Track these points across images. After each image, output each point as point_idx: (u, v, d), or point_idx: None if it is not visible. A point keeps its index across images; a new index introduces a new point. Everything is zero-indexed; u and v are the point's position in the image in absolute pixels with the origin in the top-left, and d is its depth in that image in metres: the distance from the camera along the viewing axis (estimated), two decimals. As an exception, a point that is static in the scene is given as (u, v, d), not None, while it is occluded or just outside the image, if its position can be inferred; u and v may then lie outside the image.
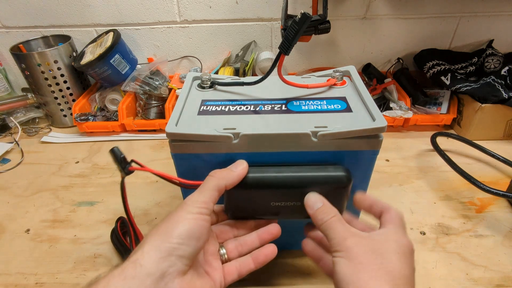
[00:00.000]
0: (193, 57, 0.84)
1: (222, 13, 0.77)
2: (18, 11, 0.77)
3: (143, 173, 0.62)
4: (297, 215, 0.34)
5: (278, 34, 0.80)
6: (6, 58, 0.83)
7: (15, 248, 0.48)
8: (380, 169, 0.61)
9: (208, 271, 0.31)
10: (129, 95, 0.76)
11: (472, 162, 0.63)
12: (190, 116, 0.36)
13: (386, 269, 0.25)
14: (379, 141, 0.33)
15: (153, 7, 0.77)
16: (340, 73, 0.41)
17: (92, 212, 0.54)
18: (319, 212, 0.30)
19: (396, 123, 0.71)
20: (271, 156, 0.34)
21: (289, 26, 0.33)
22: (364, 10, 0.76)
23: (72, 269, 0.45)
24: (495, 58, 0.71)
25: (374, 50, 0.83)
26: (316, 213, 0.30)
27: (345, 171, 0.32)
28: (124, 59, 0.74)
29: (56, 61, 0.71)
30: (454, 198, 0.55)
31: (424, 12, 0.76)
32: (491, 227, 0.49)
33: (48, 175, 0.63)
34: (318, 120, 0.34)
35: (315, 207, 0.31)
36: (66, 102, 0.76)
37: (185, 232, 0.27)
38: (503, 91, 0.64)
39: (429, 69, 0.73)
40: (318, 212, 0.30)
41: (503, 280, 0.42)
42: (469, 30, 0.78)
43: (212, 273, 0.31)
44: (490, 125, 0.67)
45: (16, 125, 0.76)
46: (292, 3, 0.74)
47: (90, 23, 0.79)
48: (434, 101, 0.74)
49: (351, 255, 0.26)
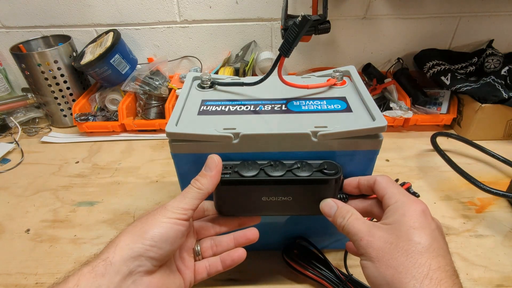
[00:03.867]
0: (193, 57, 0.84)
1: (222, 13, 0.77)
2: (18, 11, 0.77)
3: (143, 173, 0.62)
4: (288, 211, 0.34)
5: (278, 34, 0.80)
6: (6, 58, 0.83)
7: (15, 248, 0.48)
8: (380, 169, 0.61)
9: (180, 268, 0.32)
10: (129, 95, 0.76)
11: (472, 162, 0.63)
12: (190, 116, 0.36)
13: (412, 253, 0.24)
14: (379, 141, 0.33)
15: (153, 7, 0.77)
16: (340, 73, 0.41)
17: (92, 212, 0.54)
18: (337, 216, 0.30)
19: (396, 123, 0.71)
20: (271, 156, 0.34)
21: (289, 28, 0.33)
22: (364, 10, 0.76)
23: (72, 269, 0.44)
24: (495, 58, 0.71)
25: (374, 50, 0.83)
26: (334, 218, 0.30)
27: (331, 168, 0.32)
28: (124, 59, 0.74)
29: (56, 61, 0.71)
30: (454, 198, 0.55)
31: (424, 12, 0.76)
32: (491, 227, 0.49)
33: (48, 175, 0.63)
34: (318, 120, 0.34)
35: (332, 212, 0.31)
36: (66, 102, 0.76)
37: (159, 235, 0.27)
38: (503, 91, 0.64)
39: (429, 69, 0.73)
40: (336, 216, 0.30)
41: (503, 280, 0.42)
42: (469, 30, 0.78)
43: (184, 271, 0.32)
44: (490, 125, 0.67)
45: (16, 125, 0.76)
46: (292, 3, 0.74)
47: (90, 23, 0.79)
48: (434, 101, 0.74)
49: (372, 255, 0.26)
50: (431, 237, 0.25)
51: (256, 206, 0.34)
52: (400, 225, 0.26)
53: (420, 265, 0.23)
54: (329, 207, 0.31)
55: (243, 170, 0.32)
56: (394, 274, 0.24)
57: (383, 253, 0.25)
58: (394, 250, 0.25)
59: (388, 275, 0.24)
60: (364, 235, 0.27)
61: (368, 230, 0.27)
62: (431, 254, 0.24)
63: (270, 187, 0.32)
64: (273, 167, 0.32)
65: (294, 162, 0.33)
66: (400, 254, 0.24)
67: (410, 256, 0.24)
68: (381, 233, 0.26)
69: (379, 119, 0.32)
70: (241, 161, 0.33)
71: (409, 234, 0.25)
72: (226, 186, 0.32)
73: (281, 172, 0.32)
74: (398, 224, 0.26)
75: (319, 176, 0.31)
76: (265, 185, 0.32)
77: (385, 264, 0.25)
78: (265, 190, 0.33)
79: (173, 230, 0.28)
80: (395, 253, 0.25)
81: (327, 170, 0.32)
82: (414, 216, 0.26)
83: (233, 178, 0.32)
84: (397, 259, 0.24)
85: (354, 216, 0.29)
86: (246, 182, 0.32)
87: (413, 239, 0.25)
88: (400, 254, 0.24)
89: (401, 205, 0.27)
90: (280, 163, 0.33)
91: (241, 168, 0.32)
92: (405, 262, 0.24)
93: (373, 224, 0.28)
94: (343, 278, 0.39)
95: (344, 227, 0.29)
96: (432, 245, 0.24)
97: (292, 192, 0.33)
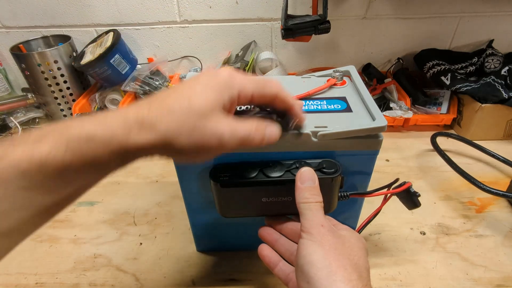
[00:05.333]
0: (193, 57, 0.84)
1: (222, 13, 0.77)
2: (18, 11, 0.77)
3: (143, 173, 0.62)
4: (289, 211, 0.34)
5: (278, 34, 0.80)
6: (6, 58, 0.83)
7: (15, 248, 0.48)
8: (380, 169, 0.61)
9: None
10: (129, 95, 0.76)
11: (472, 162, 0.63)
12: None
13: (353, 260, 0.26)
14: (379, 141, 0.33)
15: (153, 7, 0.76)
16: (340, 73, 0.41)
17: (92, 212, 0.54)
18: (307, 190, 0.29)
19: (396, 123, 0.71)
20: (272, 156, 0.34)
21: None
22: (364, 10, 0.76)
23: (72, 269, 0.45)
24: (495, 58, 0.71)
25: (374, 50, 0.83)
26: (303, 190, 0.29)
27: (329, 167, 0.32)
28: (124, 59, 0.74)
29: (56, 61, 0.71)
30: (454, 198, 0.55)
31: (424, 12, 0.76)
32: (491, 227, 0.49)
33: (48, 175, 0.63)
34: (318, 120, 0.34)
35: (305, 184, 0.30)
36: (66, 102, 0.76)
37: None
38: (503, 91, 0.64)
39: (429, 69, 0.73)
40: (306, 189, 0.29)
41: (503, 280, 0.42)
42: (469, 30, 0.78)
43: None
44: (490, 125, 0.67)
45: (16, 125, 0.76)
46: (292, 3, 0.74)
47: (90, 23, 0.79)
48: (434, 101, 0.74)
49: (324, 242, 0.27)
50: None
51: (256, 207, 0.34)
52: (351, 238, 0.29)
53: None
54: (306, 178, 0.30)
55: (242, 172, 0.32)
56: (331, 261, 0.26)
57: (336, 245, 0.27)
58: (342, 248, 0.27)
59: (332, 262, 0.25)
60: (325, 224, 0.28)
61: (327, 222, 0.28)
62: (365, 274, 0.27)
63: (270, 187, 0.32)
64: (272, 168, 0.32)
65: (293, 162, 0.33)
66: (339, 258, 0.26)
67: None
68: (335, 232, 0.28)
69: (379, 119, 0.32)
70: (240, 162, 0.33)
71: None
72: (226, 188, 0.32)
73: (280, 172, 0.32)
74: (349, 236, 0.29)
75: (318, 175, 0.32)
76: (264, 186, 0.32)
77: (333, 253, 0.26)
78: (264, 191, 0.33)
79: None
80: (342, 250, 0.27)
81: (326, 169, 0.32)
82: (361, 242, 0.29)
83: (233, 180, 0.32)
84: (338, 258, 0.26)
85: (321, 205, 0.29)
86: (245, 184, 0.32)
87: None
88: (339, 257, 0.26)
89: (353, 232, 0.30)
90: (279, 164, 0.33)
91: (240, 170, 0.32)
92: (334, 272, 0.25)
93: (330, 226, 0.28)
94: None
95: (306, 204, 0.29)
96: (367, 268, 0.28)
97: (292, 192, 0.33)
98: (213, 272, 0.44)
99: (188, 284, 0.42)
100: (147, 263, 0.45)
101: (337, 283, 0.24)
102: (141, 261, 0.46)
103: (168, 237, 0.49)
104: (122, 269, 0.44)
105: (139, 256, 0.46)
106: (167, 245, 0.48)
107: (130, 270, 0.44)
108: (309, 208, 0.29)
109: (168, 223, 0.51)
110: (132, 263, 0.45)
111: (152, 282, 0.43)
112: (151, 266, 0.45)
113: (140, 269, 0.44)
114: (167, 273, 0.44)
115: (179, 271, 0.44)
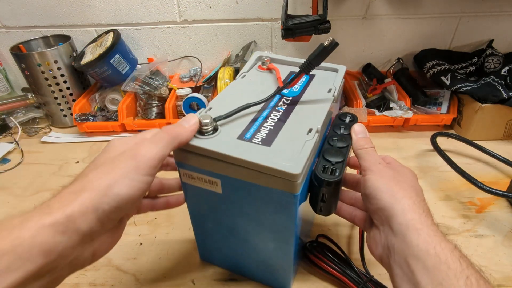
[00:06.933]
0: (193, 57, 0.84)
1: (222, 13, 0.77)
2: (18, 11, 0.77)
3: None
4: None
5: (278, 34, 0.80)
6: (6, 58, 0.83)
7: None
8: (380, 169, 0.61)
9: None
10: (129, 95, 0.76)
11: (472, 162, 0.63)
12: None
13: (409, 184, 0.31)
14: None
15: (153, 7, 0.77)
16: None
17: (92, 212, 0.54)
18: (362, 139, 0.36)
19: (396, 123, 0.71)
20: None
21: (319, 52, 0.41)
22: (364, 10, 0.76)
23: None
24: (495, 58, 0.71)
25: (374, 50, 0.83)
26: (359, 140, 0.36)
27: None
28: (124, 59, 0.74)
29: (56, 61, 0.71)
30: (454, 198, 0.55)
31: (424, 12, 0.76)
32: (491, 227, 0.49)
33: (48, 175, 0.63)
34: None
35: (360, 135, 0.36)
36: (66, 102, 0.76)
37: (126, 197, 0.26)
38: (503, 91, 0.64)
39: (429, 69, 0.73)
40: (360, 139, 0.36)
41: (503, 280, 0.42)
42: (469, 30, 0.78)
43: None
44: (490, 125, 0.67)
45: (16, 125, 0.76)
46: (292, 3, 0.74)
47: (90, 23, 0.79)
48: (434, 101, 0.74)
49: (383, 174, 0.31)
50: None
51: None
52: (402, 169, 0.34)
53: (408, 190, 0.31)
54: (359, 131, 0.36)
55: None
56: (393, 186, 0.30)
57: (394, 174, 0.32)
58: (399, 176, 0.32)
59: (393, 187, 0.30)
60: (381, 161, 0.33)
61: (382, 160, 0.34)
62: (420, 197, 0.31)
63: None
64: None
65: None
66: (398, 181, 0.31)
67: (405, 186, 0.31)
68: (390, 165, 0.34)
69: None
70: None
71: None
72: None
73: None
74: (399, 167, 0.34)
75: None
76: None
77: (394, 181, 0.31)
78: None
79: (140, 191, 0.27)
80: (400, 177, 0.32)
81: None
82: (410, 171, 0.34)
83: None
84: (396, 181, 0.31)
85: (374, 149, 0.35)
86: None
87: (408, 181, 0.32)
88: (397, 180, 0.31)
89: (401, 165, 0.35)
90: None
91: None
92: (401, 185, 0.31)
93: (385, 163, 0.33)
94: (364, 278, 0.39)
95: (362, 150, 0.34)
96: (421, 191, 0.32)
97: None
98: (213, 272, 0.44)
99: (188, 284, 0.42)
100: (147, 263, 0.45)
101: (400, 200, 0.29)
102: (141, 261, 0.46)
103: (168, 237, 0.49)
104: (122, 269, 0.44)
105: (139, 256, 0.46)
106: (167, 245, 0.48)
107: (130, 270, 0.44)
108: (366, 152, 0.34)
109: (168, 223, 0.51)
110: (132, 263, 0.45)
111: (152, 282, 0.43)
112: (151, 266, 0.45)
113: (140, 269, 0.44)
114: (167, 273, 0.44)
115: (179, 271, 0.44)
